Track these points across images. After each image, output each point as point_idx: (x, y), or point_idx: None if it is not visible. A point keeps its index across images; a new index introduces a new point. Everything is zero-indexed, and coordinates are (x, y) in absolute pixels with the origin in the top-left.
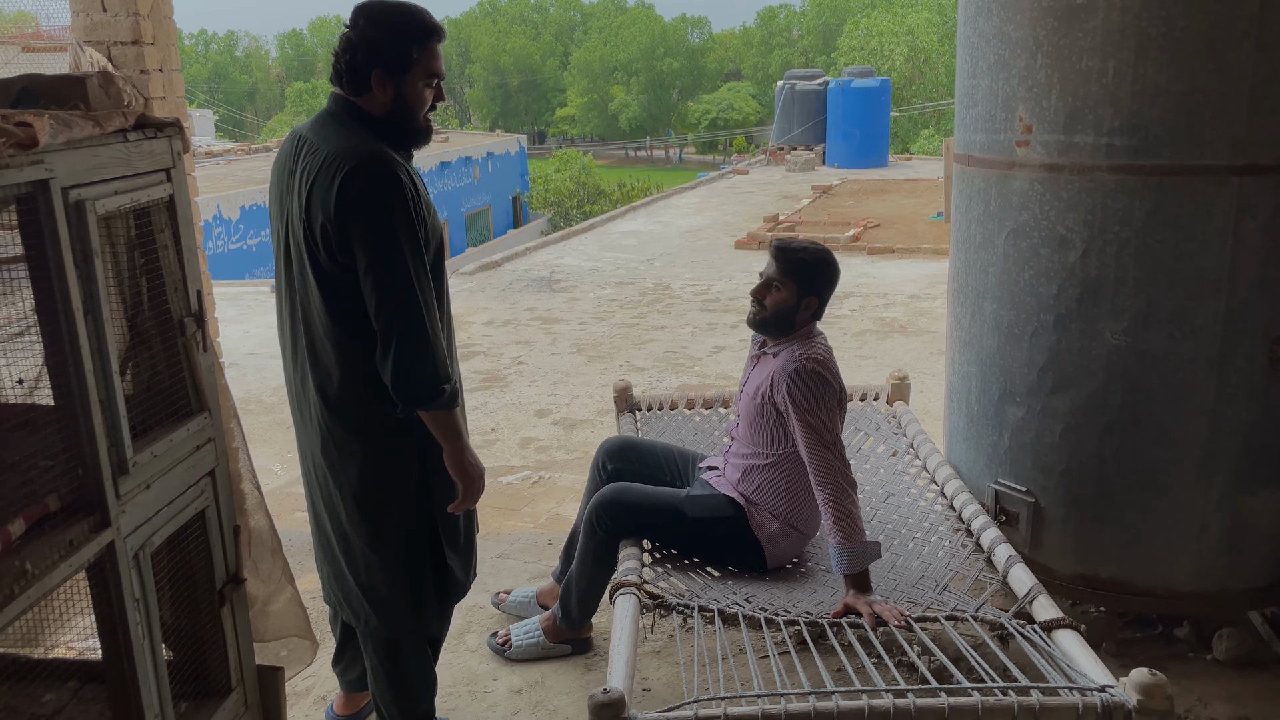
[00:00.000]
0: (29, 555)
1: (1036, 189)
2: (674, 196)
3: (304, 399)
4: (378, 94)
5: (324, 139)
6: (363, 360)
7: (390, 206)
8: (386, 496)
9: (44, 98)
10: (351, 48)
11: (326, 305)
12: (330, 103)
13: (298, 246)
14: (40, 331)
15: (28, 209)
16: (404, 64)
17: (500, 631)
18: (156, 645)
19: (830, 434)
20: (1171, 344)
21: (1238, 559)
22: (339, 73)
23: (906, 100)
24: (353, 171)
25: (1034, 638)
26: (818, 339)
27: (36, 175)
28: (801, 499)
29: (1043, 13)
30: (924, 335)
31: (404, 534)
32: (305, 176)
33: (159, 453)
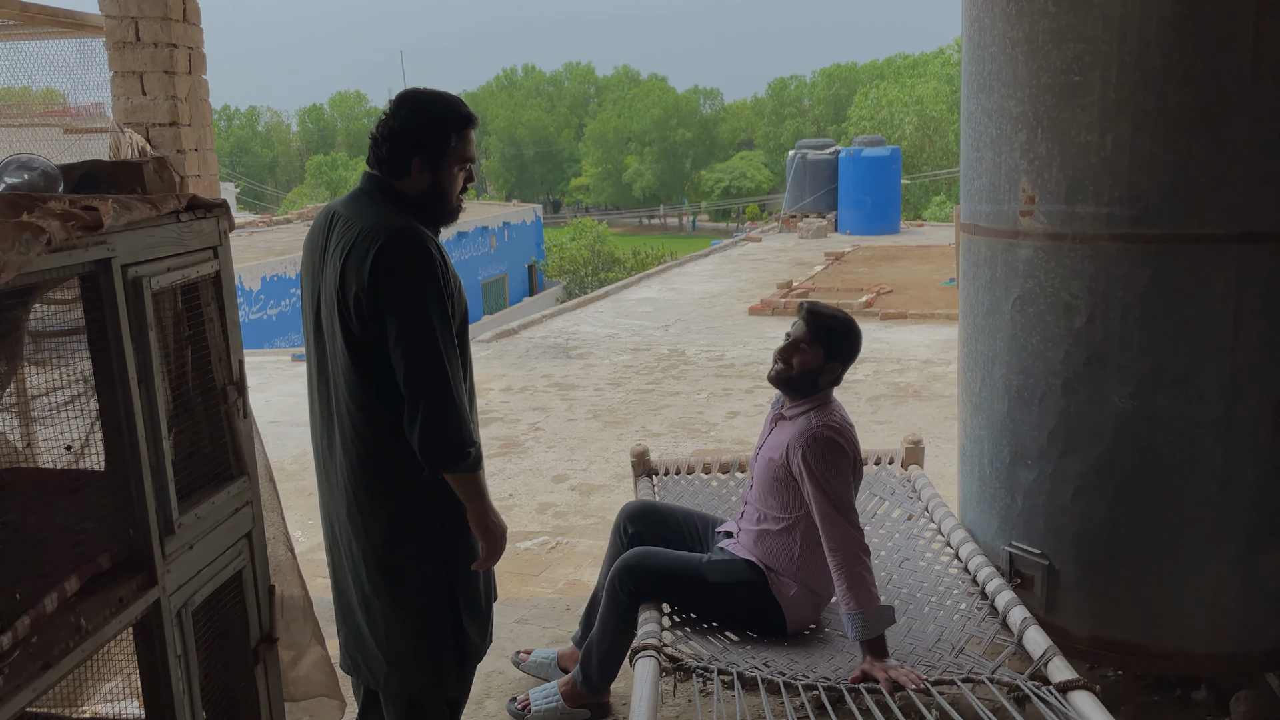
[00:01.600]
0: (83, 611)
1: (1041, 257)
2: (688, 264)
3: (330, 463)
4: (416, 179)
5: (357, 214)
6: (389, 425)
7: (421, 278)
8: (408, 558)
9: (104, 183)
10: (393, 135)
11: (357, 372)
12: (365, 181)
13: (330, 316)
14: (97, 399)
15: (90, 285)
16: (442, 152)
17: (519, 696)
18: (196, 702)
19: (844, 501)
20: (1178, 407)
21: (1252, 621)
22: (379, 158)
23: (917, 168)
24: (386, 245)
25: (1050, 699)
26: (835, 406)
27: (99, 255)
28: (817, 562)
29: (1042, 89)
30: (938, 400)
31: (424, 595)
32: (340, 249)
33: (202, 514)
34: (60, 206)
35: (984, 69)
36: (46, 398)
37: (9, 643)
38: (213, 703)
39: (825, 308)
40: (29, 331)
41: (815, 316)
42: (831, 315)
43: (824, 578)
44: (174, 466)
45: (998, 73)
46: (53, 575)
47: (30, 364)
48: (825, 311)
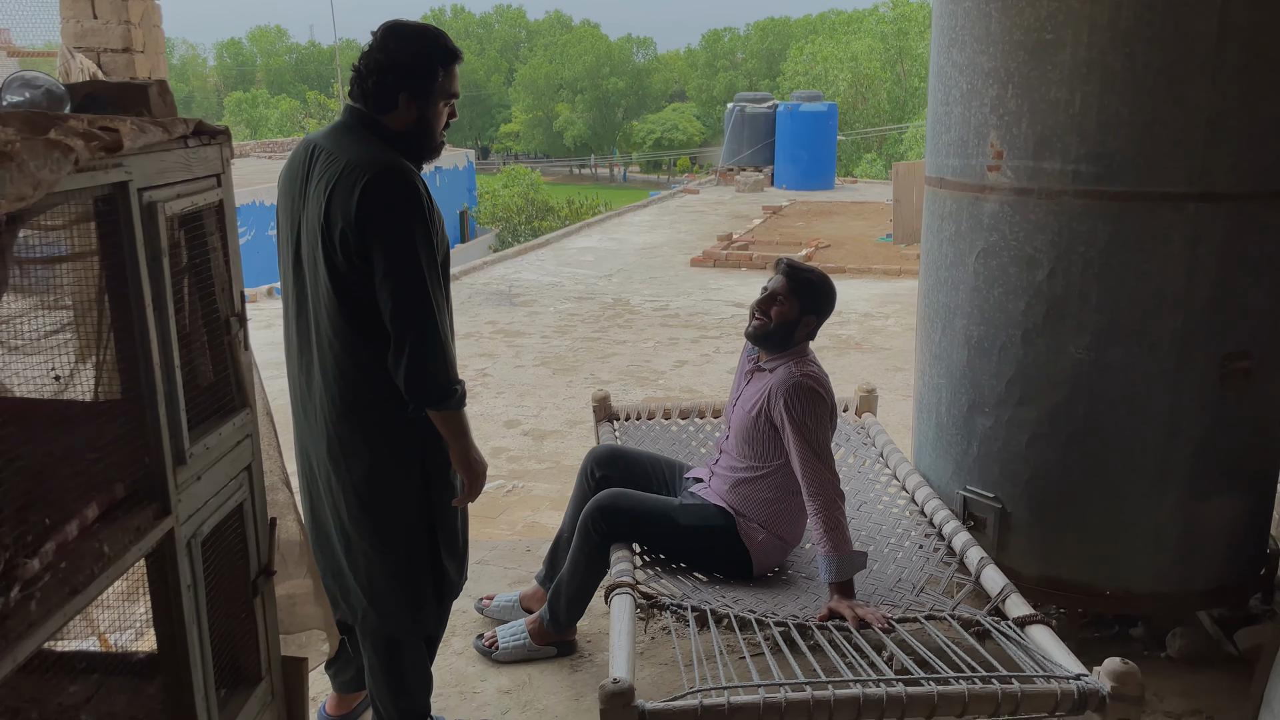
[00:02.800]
0: (106, 538)
1: (1006, 211)
2: (627, 214)
3: (309, 400)
4: (403, 112)
5: (341, 148)
6: (372, 362)
7: (408, 215)
8: (390, 495)
9: (110, 104)
10: (381, 69)
11: (340, 308)
12: (348, 115)
13: (312, 251)
14: (113, 327)
15: (108, 209)
16: (429, 86)
17: (486, 634)
18: (204, 632)
19: (823, 448)
20: (1131, 358)
21: (1190, 562)
22: (365, 91)
23: (850, 125)
24: (373, 180)
25: (1009, 633)
26: (811, 357)
27: (118, 178)
28: (787, 511)
29: (1014, 46)
30: (879, 352)
31: (404, 532)
32: (324, 183)
33: (210, 445)
34: (81, 126)
35: (956, 23)
36: (33, 326)
37: (38, 567)
38: (214, 632)
39: (803, 263)
40: (15, 259)
41: (793, 270)
42: (809, 269)
43: (792, 526)
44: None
45: (970, 27)
46: (68, 504)
47: (16, 292)
48: (802, 266)
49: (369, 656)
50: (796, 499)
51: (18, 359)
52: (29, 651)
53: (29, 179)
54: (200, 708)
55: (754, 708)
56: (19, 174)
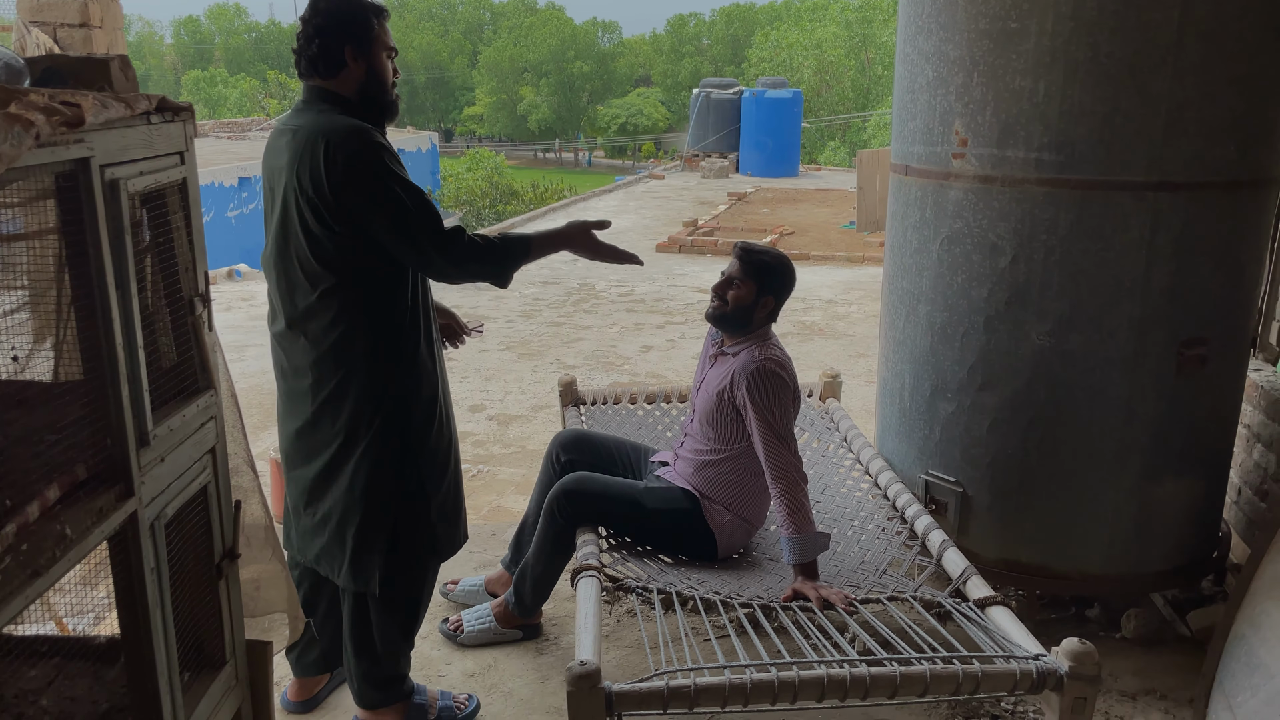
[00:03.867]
0: (68, 520)
1: (970, 199)
2: (593, 199)
3: (292, 357)
4: (352, 69)
5: (304, 124)
6: (363, 310)
7: (377, 165)
8: (378, 452)
9: (70, 78)
10: (321, 31)
11: (326, 267)
12: (305, 93)
13: (292, 224)
14: (74, 306)
15: (69, 186)
16: (369, 36)
17: (451, 618)
18: (168, 615)
19: (786, 430)
20: (1090, 345)
21: (1144, 545)
22: (311, 59)
23: (814, 112)
24: (333, 144)
25: (970, 614)
26: (774, 340)
27: (79, 154)
28: (751, 493)
29: (980, 34)
30: (842, 339)
31: (385, 483)
32: (293, 159)
33: (174, 427)
34: (42, 100)
35: (923, 11)
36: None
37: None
38: (178, 616)
39: (758, 245)
40: None
41: (748, 253)
42: (763, 251)
43: (756, 507)
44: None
45: (937, 15)
46: (28, 486)
47: None
48: (757, 248)
49: (346, 614)
50: (760, 481)
51: None
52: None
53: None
54: (164, 692)
55: (719, 689)
56: None
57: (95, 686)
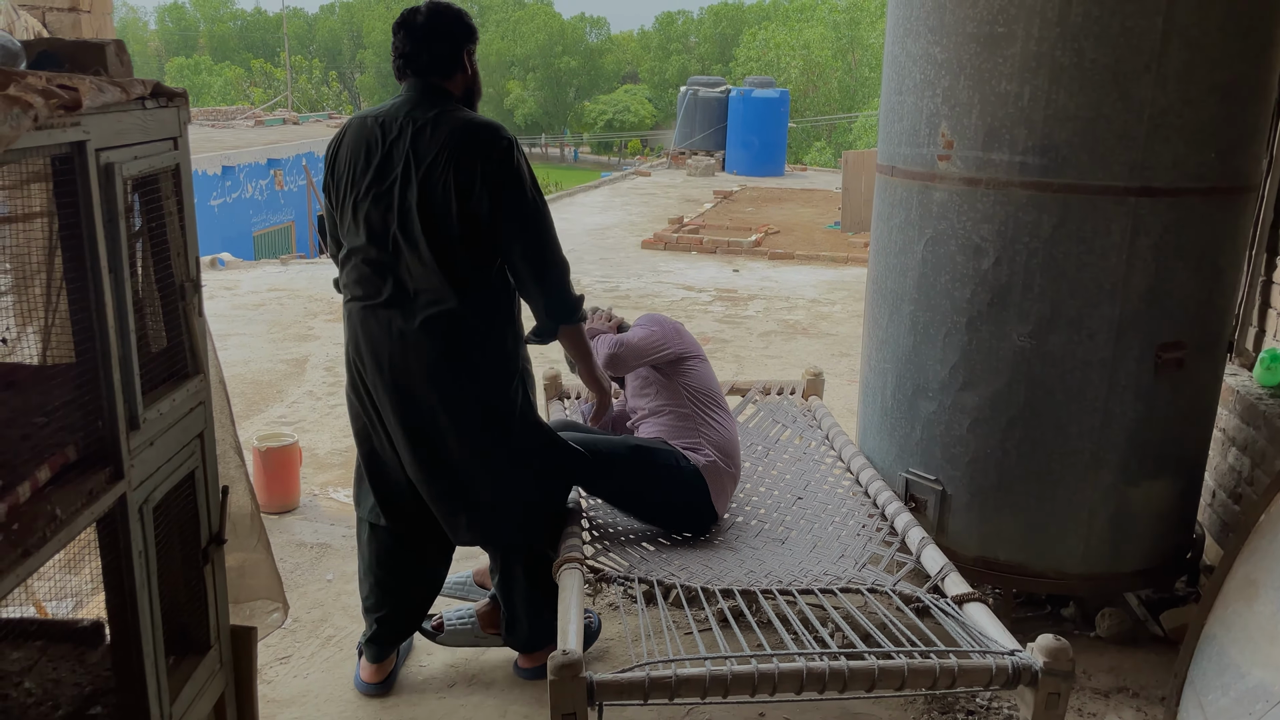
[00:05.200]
0: (58, 501)
1: (955, 200)
2: (579, 194)
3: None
4: (466, 68)
5: (444, 118)
6: (479, 306)
7: (525, 164)
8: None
9: (66, 62)
10: (448, 35)
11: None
12: (416, 91)
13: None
14: (67, 289)
15: (65, 169)
16: (475, 44)
17: (434, 615)
18: (154, 599)
19: (634, 338)
20: (1070, 347)
21: (1120, 545)
22: (435, 57)
23: (800, 113)
24: (497, 138)
25: (948, 610)
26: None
27: (75, 137)
28: (711, 428)
29: (967, 38)
30: (825, 338)
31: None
32: (446, 151)
33: (164, 411)
34: (40, 83)
35: (912, 14)
36: None
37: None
38: (164, 600)
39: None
40: None
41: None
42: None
43: (726, 445)
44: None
45: (925, 18)
46: (18, 467)
47: None
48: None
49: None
50: (712, 409)
51: None
52: None
53: None
54: (150, 674)
55: (700, 680)
56: None
57: (79, 669)
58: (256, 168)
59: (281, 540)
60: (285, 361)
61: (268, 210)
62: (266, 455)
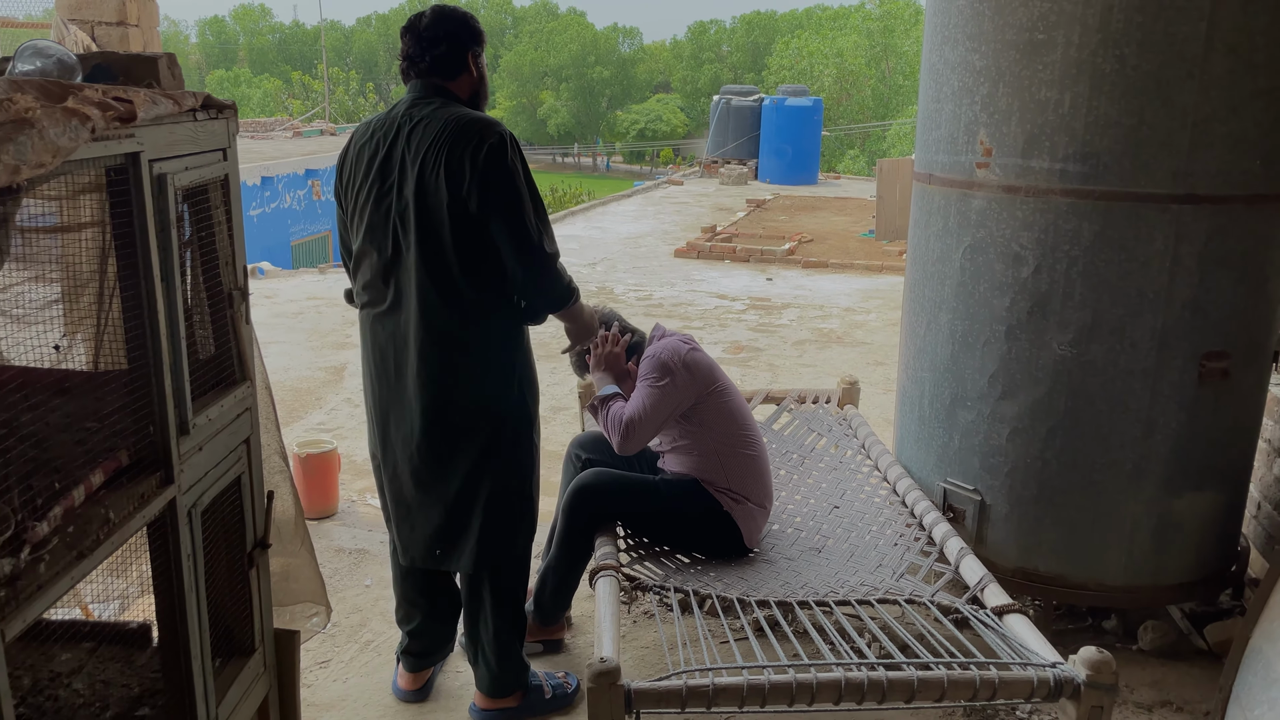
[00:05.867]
0: (111, 504)
1: (994, 208)
2: (611, 204)
3: (414, 360)
4: (471, 70)
5: (439, 115)
6: (476, 305)
7: (519, 160)
8: (516, 431)
9: (120, 75)
10: (450, 36)
11: (467, 261)
12: (421, 90)
13: (422, 209)
14: (120, 298)
15: (119, 180)
16: (482, 44)
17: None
18: (202, 601)
19: (640, 409)
20: (1112, 356)
21: (1163, 557)
22: (437, 59)
23: (834, 121)
24: (495, 135)
25: (987, 621)
26: (663, 334)
27: (130, 148)
28: (741, 468)
29: (1006, 45)
30: (860, 346)
31: (531, 455)
32: (437, 146)
33: (212, 417)
34: (97, 96)
35: (949, 21)
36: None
37: (46, 530)
38: (210, 602)
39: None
40: (17, 228)
41: (580, 359)
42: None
43: (755, 486)
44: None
45: (963, 26)
46: (73, 471)
47: (16, 261)
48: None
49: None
50: (740, 448)
51: (18, 328)
52: (39, 612)
53: (48, 146)
54: (197, 676)
55: (737, 689)
56: (39, 141)
57: (127, 671)
58: (295, 178)
59: (320, 545)
60: (324, 369)
61: (305, 220)
62: (306, 461)
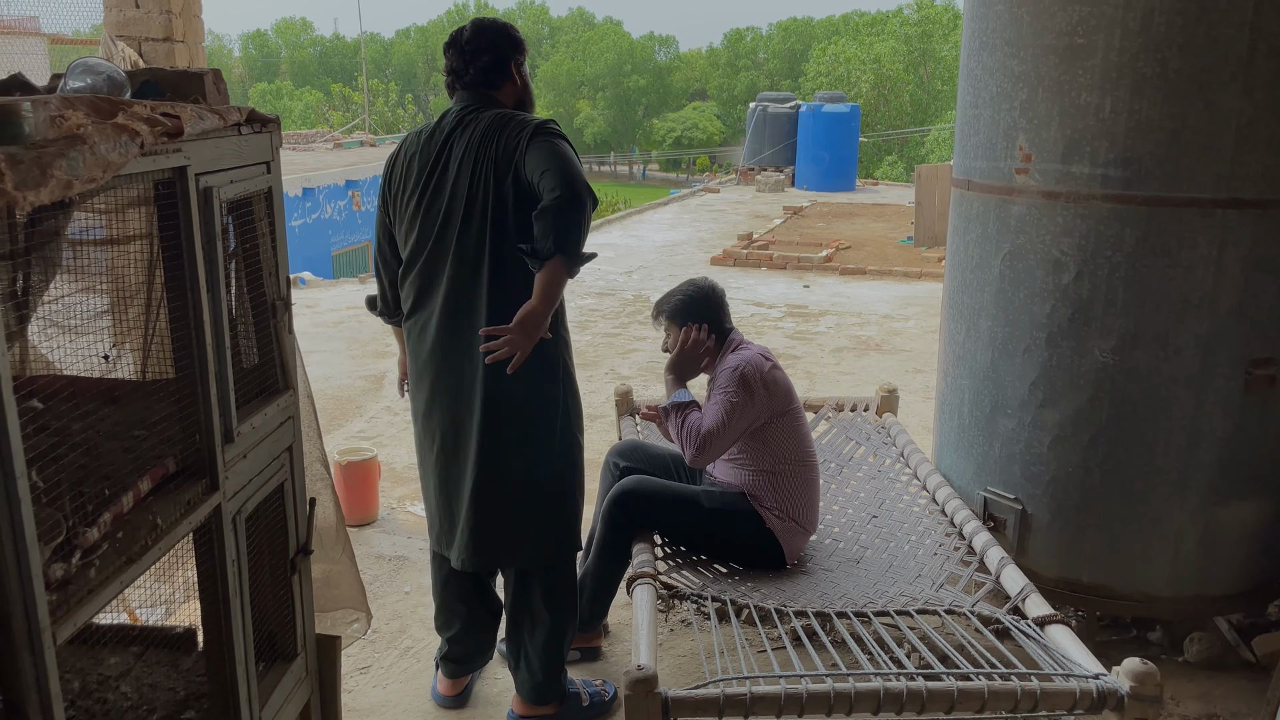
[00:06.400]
0: (159, 510)
1: (1034, 214)
2: (648, 212)
3: (466, 367)
4: (515, 78)
5: (481, 118)
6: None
7: (565, 140)
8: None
9: (167, 91)
10: (494, 47)
11: (500, 258)
12: (468, 99)
13: (473, 209)
14: (167, 308)
15: (167, 193)
16: (525, 53)
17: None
18: (246, 607)
19: (719, 423)
20: (1155, 363)
21: (1209, 567)
22: (481, 69)
23: (871, 127)
24: (535, 120)
25: (1029, 631)
26: (745, 345)
27: (177, 162)
28: (794, 491)
29: (1045, 50)
30: (899, 354)
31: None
32: (490, 141)
33: (256, 425)
34: (145, 111)
35: (988, 26)
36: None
37: (96, 536)
38: (254, 608)
39: (663, 296)
40: (68, 240)
41: (659, 306)
42: (668, 295)
43: (804, 509)
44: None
45: (1001, 31)
46: (121, 478)
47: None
48: (664, 299)
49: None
50: (798, 470)
51: (68, 338)
52: (89, 616)
53: (99, 161)
54: (241, 680)
55: (775, 698)
56: (90, 156)
57: (173, 674)
58: (335, 189)
59: (360, 552)
60: (364, 378)
61: (346, 230)
62: (346, 469)
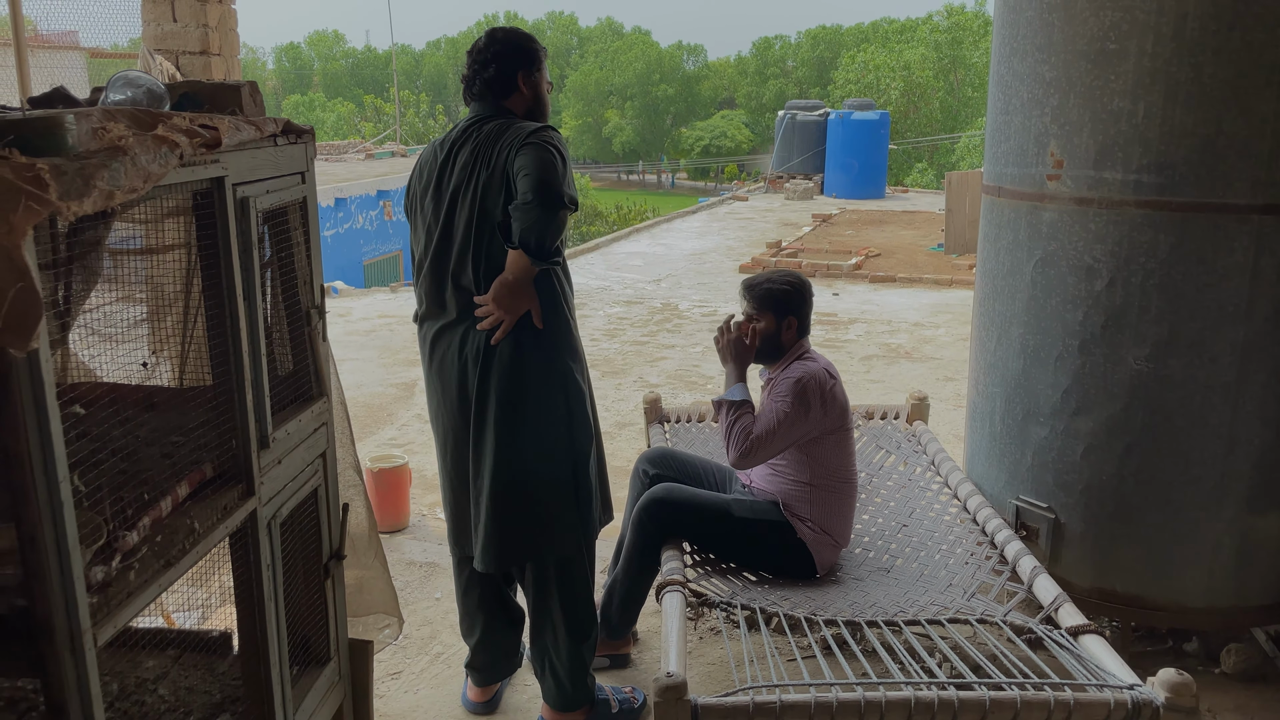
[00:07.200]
0: (196, 515)
1: (1065, 220)
2: (676, 220)
3: (468, 370)
4: (522, 91)
5: (490, 126)
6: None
7: (559, 145)
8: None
9: (205, 103)
10: (499, 58)
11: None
12: (479, 110)
13: (480, 215)
14: (205, 316)
15: (205, 203)
16: (536, 66)
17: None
18: (281, 610)
19: (769, 431)
20: (1191, 370)
21: (1246, 578)
22: (487, 81)
23: (900, 134)
24: (525, 131)
25: (1062, 641)
26: (810, 354)
27: (215, 173)
28: (831, 506)
29: (1077, 55)
30: (929, 362)
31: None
32: (494, 150)
33: (291, 431)
34: (184, 123)
35: (1018, 33)
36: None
37: (135, 540)
38: (288, 612)
39: (759, 275)
40: (108, 250)
41: (752, 288)
42: (766, 279)
43: (839, 523)
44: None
45: (1032, 37)
46: (160, 483)
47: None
48: (759, 279)
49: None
50: (838, 486)
51: (108, 346)
52: (129, 618)
53: (140, 172)
54: (275, 683)
55: (805, 706)
56: (131, 167)
57: (209, 678)
58: (367, 199)
59: (391, 559)
60: (395, 385)
61: (377, 240)
62: (378, 476)
